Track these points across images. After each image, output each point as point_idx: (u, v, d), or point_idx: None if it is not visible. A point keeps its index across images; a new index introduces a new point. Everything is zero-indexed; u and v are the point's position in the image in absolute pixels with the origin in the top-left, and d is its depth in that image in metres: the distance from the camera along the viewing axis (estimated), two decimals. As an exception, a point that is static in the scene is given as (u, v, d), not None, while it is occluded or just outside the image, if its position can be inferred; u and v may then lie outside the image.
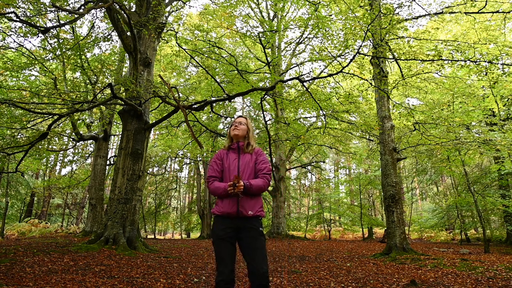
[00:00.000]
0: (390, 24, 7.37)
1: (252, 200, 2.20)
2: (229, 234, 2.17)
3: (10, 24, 9.12)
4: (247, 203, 2.18)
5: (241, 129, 2.37)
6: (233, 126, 2.41)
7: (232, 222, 2.18)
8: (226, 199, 2.18)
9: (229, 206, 2.17)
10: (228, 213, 2.16)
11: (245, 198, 2.17)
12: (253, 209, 2.18)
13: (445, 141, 9.36)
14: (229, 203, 2.17)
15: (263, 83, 15.05)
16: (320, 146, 16.36)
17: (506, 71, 7.23)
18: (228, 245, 2.15)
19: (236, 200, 2.16)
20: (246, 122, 2.43)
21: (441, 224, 17.10)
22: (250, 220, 2.18)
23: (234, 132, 2.37)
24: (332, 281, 4.53)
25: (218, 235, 2.18)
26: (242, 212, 2.15)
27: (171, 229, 27.43)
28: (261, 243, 2.16)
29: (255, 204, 2.22)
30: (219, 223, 2.22)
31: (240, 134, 2.37)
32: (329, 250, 9.66)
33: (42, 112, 7.70)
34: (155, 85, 8.53)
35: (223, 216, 2.20)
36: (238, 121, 2.42)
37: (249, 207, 2.18)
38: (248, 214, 2.16)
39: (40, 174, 22.24)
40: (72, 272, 4.30)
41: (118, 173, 7.48)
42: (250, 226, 2.18)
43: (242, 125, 2.39)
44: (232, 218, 2.18)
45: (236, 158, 2.32)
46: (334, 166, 31.49)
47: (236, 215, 2.16)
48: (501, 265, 5.76)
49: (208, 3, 20.23)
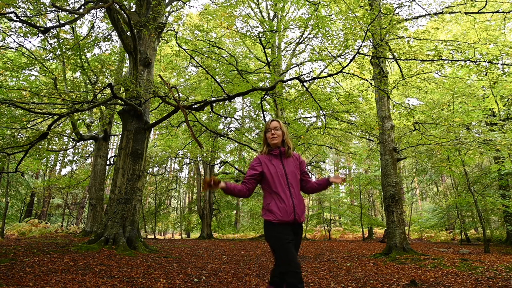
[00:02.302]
0: (390, 24, 7.37)
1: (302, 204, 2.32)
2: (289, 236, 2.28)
3: (10, 24, 9.13)
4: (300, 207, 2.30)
5: (278, 135, 2.36)
6: (269, 133, 2.37)
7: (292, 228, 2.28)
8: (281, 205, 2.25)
9: (286, 214, 2.24)
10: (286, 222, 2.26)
11: (298, 202, 2.27)
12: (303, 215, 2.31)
13: (445, 141, 9.36)
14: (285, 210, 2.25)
15: (263, 83, 15.05)
16: (320, 146, 16.35)
17: (506, 71, 7.22)
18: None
19: (292, 207, 2.23)
20: (280, 126, 2.39)
21: (441, 224, 17.10)
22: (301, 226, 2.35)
23: (273, 142, 2.35)
24: (332, 281, 4.53)
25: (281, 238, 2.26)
26: (298, 220, 2.27)
27: (171, 229, 27.41)
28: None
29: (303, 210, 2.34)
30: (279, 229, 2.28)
31: (279, 142, 2.36)
32: (329, 250, 9.66)
33: (42, 112, 7.70)
34: (155, 85, 8.53)
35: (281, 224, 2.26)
36: (273, 126, 2.38)
37: (301, 213, 2.29)
38: (301, 220, 2.29)
39: (40, 174, 22.23)
40: (72, 272, 4.30)
41: (118, 173, 7.48)
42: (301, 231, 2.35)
43: (278, 131, 2.36)
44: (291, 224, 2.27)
45: (281, 164, 2.34)
46: (334, 166, 31.47)
47: (293, 222, 2.25)
48: (501, 265, 5.76)
49: (208, 3, 20.25)
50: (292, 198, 2.23)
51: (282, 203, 2.21)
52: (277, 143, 2.34)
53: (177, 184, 21.63)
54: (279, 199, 2.22)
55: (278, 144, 2.35)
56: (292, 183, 2.27)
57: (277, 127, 2.37)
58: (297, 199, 2.26)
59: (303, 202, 2.30)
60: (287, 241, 2.17)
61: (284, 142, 2.37)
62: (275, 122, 2.39)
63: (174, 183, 21.54)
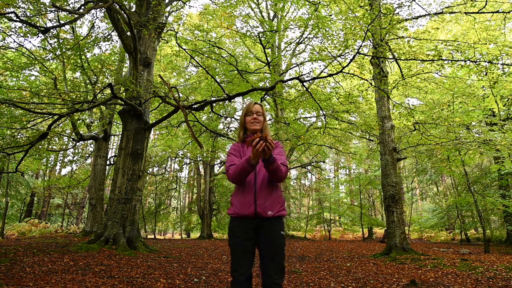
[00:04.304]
0: (390, 24, 7.37)
1: (271, 197, 1.96)
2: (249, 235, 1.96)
3: (10, 24, 9.13)
4: (266, 200, 1.94)
5: (260, 121, 2.11)
6: (250, 116, 2.11)
7: (251, 223, 1.95)
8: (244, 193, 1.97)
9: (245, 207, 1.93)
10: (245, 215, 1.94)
11: (263, 194, 1.94)
12: (273, 209, 1.95)
13: (445, 141, 9.36)
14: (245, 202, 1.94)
15: (263, 83, 15.05)
16: (320, 146, 16.35)
17: (506, 71, 7.21)
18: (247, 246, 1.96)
19: (254, 198, 1.93)
20: (263, 112, 2.14)
21: (441, 224, 17.10)
22: (270, 220, 1.96)
23: (253, 127, 2.09)
24: (332, 281, 4.53)
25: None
26: (260, 213, 1.93)
27: (171, 229, 27.43)
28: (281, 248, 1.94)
29: (275, 201, 1.98)
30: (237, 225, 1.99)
31: (259, 128, 2.11)
32: (329, 250, 9.66)
33: (42, 112, 7.70)
34: (155, 85, 8.53)
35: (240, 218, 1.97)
36: (256, 110, 2.12)
37: (268, 206, 1.94)
38: (268, 214, 1.93)
39: (40, 174, 22.24)
40: (72, 272, 4.30)
41: (118, 173, 7.48)
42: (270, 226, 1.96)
43: (260, 116, 2.12)
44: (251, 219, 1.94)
45: None
46: (334, 166, 31.49)
47: (254, 216, 1.93)
48: (501, 265, 5.76)
49: (208, 3, 20.24)
50: (255, 188, 1.95)
51: (243, 194, 1.96)
52: (257, 129, 2.09)
53: (177, 184, 21.63)
54: (242, 191, 1.97)
55: (257, 131, 2.09)
56: (262, 172, 1.99)
57: (259, 112, 2.12)
58: (262, 189, 1.95)
59: (274, 195, 1.98)
60: (240, 240, 1.91)
61: (263, 130, 2.13)
62: (258, 106, 2.15)
63: (174, 183, 21.55)
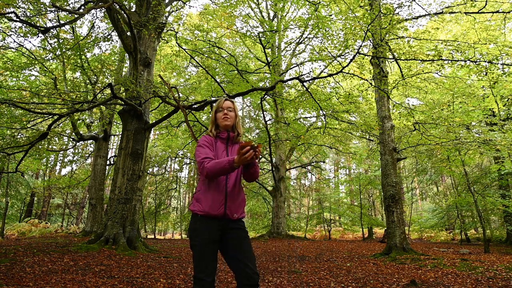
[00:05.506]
0: (390, 24, 7.37)
1: (238, 199, 1.98)
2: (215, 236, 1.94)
3: (10, 24, 9.13)
4: (234, 202, 1.95)
5: (231, 116, 2.09)
6: (221, 112, 2.09)
7: (218, 224, 1.93)
8: (213, 193, 1.93)
9: (215, 207, 1.91)
10: (214, 215, 1.91)
11: (233, 196, 1.95)
12: (238, 211, 1.97)
13: (445, 141, 9.36)
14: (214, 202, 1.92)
15: (263, 83, 15.05)
16: (320, 146, 16.36)
17: (506, 71, 7.22)
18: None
19: (224, 198, 1.92)
20: (234, 108, 2.12)
21: (441, 224, 17.10)
22: (236, 222, 1.97)
23: (225, 123, 2.06)
24: (332, 281, 4.53)
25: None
26: (228, 215, 1.93)
27: (171, 229, 27.42)
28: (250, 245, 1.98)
29: (241, 204, 2.00)
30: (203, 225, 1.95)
31: (231, 124, 2.09)
32: (329, 250, 9.66)
33: (42, 112, 7.70)
34: (155, 85, 8.54)
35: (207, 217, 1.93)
36: (227, 106, 2.10)
37: (235, 209, 1.96)
38: (234, 217, 1.94)
39: (40, 174, 22.24)
40: (72, 272, 4.30)
41: (118, 173, 7.49)
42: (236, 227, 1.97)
43: (231, 112, 2.09)
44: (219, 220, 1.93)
45: (225, 150, 2.05)
46: (334, 166, 31.49)
47: (223, 216, 1.92)
48: (501, 265, 5.76)
49: (208, 3, 20.26)
50: (226, 188, 1.93)
51: (212, 192, 1.91)
52: (228, 125, 2.07)
53: (177, 184, 21.62)
54: (213, 189, 1.92)
55: (229, 126, 2.07)
56: (233, 175, 1.98)
57: (230, 108, 2.10)
58: (233, 191, 1.95)
59: (242, 197, 2.01)
60: (207, 241, 1.87)
61: (235, 127, 2.11)
62: (229, 102, 2.13)
63: (174, 183, 21.54)
